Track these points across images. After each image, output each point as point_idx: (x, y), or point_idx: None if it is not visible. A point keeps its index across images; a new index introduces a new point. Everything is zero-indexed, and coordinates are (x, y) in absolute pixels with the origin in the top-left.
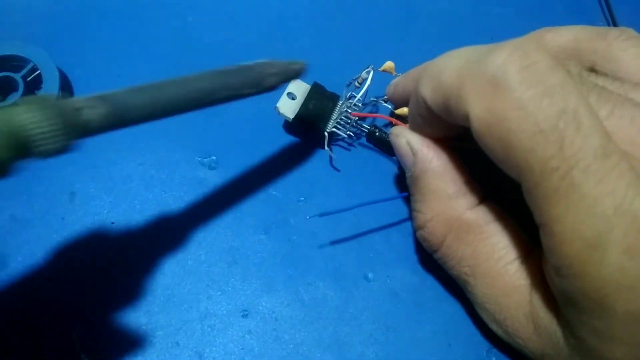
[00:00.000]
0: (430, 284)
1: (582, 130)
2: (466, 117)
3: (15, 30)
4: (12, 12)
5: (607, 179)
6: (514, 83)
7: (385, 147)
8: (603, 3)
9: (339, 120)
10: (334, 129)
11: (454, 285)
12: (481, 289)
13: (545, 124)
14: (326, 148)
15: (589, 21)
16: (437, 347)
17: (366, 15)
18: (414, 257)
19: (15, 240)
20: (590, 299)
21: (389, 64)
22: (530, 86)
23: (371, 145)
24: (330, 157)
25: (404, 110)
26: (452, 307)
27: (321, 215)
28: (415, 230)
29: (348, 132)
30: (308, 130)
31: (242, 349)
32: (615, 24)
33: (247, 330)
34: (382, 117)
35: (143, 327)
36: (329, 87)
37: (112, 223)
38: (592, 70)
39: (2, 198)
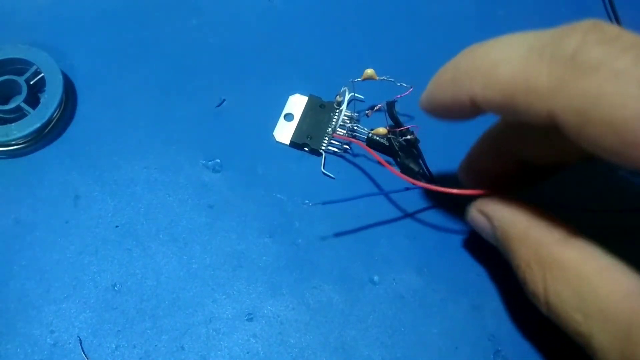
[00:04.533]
0: (436, 286)
1: None
2: (548, 114)
3: (19, 33)
4: (16, 15)
5: None
6: (600, 57)
7: (383, 148)
8: (607, 3)
9: (332, 140)
10: (329, 147)
11: (460, 288)
12: (598, 337)
13: None
14: (322, 170)
15: None
16: (444, 350)
17: (369, 16)
18: (419, 260)
19: (20, 244)
20: None
21: (367, 72)
22: (617, 56)
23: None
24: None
25: (379, 131)
26: (458, 309)
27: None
28: (524, 289)
29: (344, 146)
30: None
31: (248, 352)
32: (619, 25)
33: (252, 334)
34: (358, 143)
35: (148, 331)
36: (334, 87)
37: (117, 227)
38: None
39: (7, 202)
